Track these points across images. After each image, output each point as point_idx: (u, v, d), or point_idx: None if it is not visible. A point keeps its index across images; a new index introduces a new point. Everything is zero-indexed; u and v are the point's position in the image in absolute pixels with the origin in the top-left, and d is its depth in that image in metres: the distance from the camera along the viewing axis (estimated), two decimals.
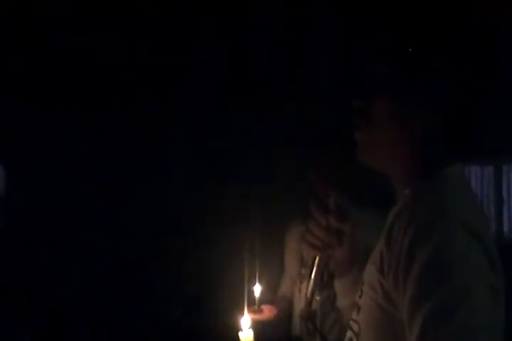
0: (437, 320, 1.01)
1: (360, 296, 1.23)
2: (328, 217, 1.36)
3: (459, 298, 1.02)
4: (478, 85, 1.25)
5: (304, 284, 2.63)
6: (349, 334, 1.26)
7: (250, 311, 2.47)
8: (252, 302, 2.51)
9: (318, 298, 1.48)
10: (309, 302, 1.41)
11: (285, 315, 2.83)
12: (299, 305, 2.71)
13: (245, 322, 1.20)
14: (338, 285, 1.48)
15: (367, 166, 1.31)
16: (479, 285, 1.05)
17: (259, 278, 2.53)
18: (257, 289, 2.53)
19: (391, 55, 1.24)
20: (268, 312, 2.54)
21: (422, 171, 1.24)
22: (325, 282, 1.44)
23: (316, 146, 2.63)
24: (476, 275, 1.06)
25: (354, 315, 1.25)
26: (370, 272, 1.20)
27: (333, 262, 1.43)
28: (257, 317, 2.47)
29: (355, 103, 1.28)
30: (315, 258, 1.40)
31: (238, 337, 1.20)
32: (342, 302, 1.48)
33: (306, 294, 1.41)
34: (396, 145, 1.25)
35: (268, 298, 2.59)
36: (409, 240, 1.08)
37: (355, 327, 1.24)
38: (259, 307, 2.53)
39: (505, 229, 6.36)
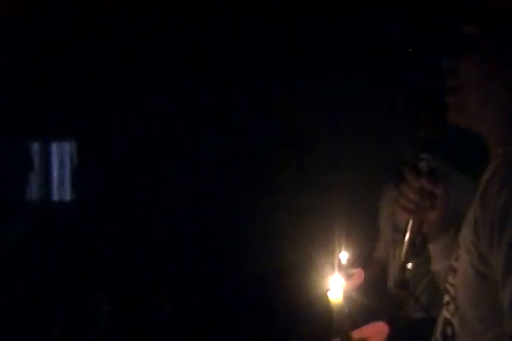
0: None
1: (456, 259, 1.22)
2: (421, 180, 1.34)
3: None
4: None
5: (398, 250, 2.55)
6: (446, 298, 1.24)
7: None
8: (339, 269, 2.50)
9: (410, 265, 1.44)
10: (403, 267, 1.39)
11: (378, 280, 2.83)
12: (393, 272, 2.72)
13: (335, 281, 1.16)
14: (433, 248, 1.45)
15: (460, 127, 1.29)
16: None
17: (346, 244, 2.44)
18: (344, 256, 2.50)
19: (480, 15, 1.23)
20: (357, 276, 2.55)
21: None
22: (419, 246, 1.40)
23: (406, 112, 2.62)
24: None
25: (450, 279, 1.23)
26: (465, 235, 1.18)
27: (426, 226, 1.41)
28: (346, 282, 2.49)
29: (445, 65, 1.27)
30: (408, 223, 1.38)
31: (327, 296, 1.17)
32: (436, 265, 1.46)
33: (400, 259, 1.38)
34: (487, 106, 1.23)
35: (356, 264, 2.59)
36: (502, 202, 1.07)
37: (451, 290, 1.22)
38: (347, 272, 2.52)
39: None
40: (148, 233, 4.96)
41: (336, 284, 1.17)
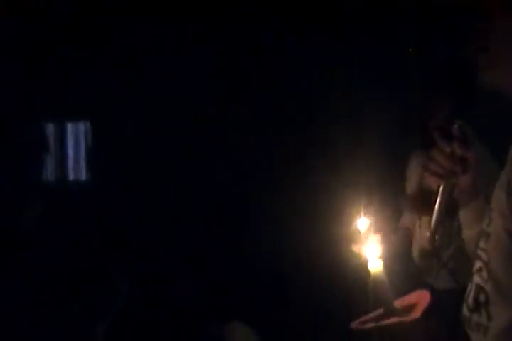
0: None
1: (488, 224, 1.19)
2: (453, 145, 1.30)
3: None
4: None
5: (424, 219, 2.55)
6: (478, 263, 1.22)
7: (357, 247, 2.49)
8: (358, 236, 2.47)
9: (438, 235, 1.38)
10: (433, 234, 1.33)
11: (404, 247, 2.85)
12: (419, 241, 2.74)
13: (373, 251, 1.10)
14: (464, 214, 1.44)
15: (493, 87, 1.25)
16: None
17: (367, 211, 2.47)
18: (363, 223, 2.45)
19: None
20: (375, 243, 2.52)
21: None
22: (450, 212, 1.34)
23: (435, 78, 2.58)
24: None
25: (482, 244, 1.21)
26: (499, 198, 1.17)
27: (457, 191, 1.37)
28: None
29: (474, 25, 1.23)
30: (439, 188, 1.32)
31: (366, 267, 1.11)
32: (468, 231, 1.45)
33: (430, 226, 1.33)
34: None
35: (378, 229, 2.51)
36: None
37: (483, 255, 1.21)
38: (364, 241, 2.49)
39: None
40: (166, 213, 4.96)
41: (374, 254, 1.12)
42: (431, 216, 1.38)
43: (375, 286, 1.15)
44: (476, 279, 1.21)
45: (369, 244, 1.16)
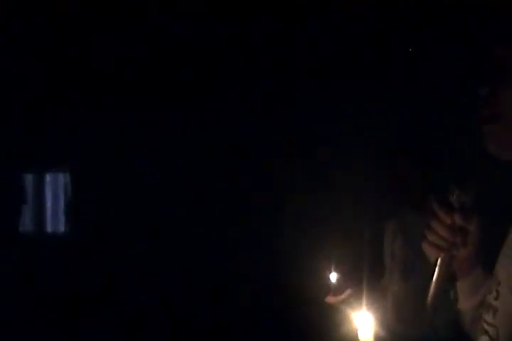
0: None
1: (496, 298, 1.16)
2: (453, 216, 1.23)
3: None
4: None
5: (394, 276, 2.82)
6: (484, 338, 1.17)
7: (331, 299, 2.66)
8: (328, 289, 2.63)
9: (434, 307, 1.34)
10: (431, 306, 1.29)
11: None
12: (390, 297, 2.84)
13: (364, 319, 1.11)
14: (461, 286, 1.36)
15: (501, 158, 1.21)
16: None
17: (335, 266, 2.62)
18: (333, 277, 2.63)
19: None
20: (347, 294, 2.65)
21: None
22: (447, 283, 1.32)
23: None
24: None
25: (489, 319, 1.17)
26: (508, 271, 1.13)
27: (456, 263, 1.29)
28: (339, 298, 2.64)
29: (480, 92, 1.19)
30: (437, 260, 1.29)
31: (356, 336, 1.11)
32: (465, 304, 1.37)
33: (428, 300, 1.29)
34: None
35: (346, 285, 2.65)
36: None
37: (491, 331, 1.16)
38: (337, 293, 2.64)
39: None
40: (146, 262, 4.93)
41: (365, 322, 1.11)
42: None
43: None
44: None
45: (364, 312, 1.14)
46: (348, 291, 2.65)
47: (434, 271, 1.25)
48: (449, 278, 1.29)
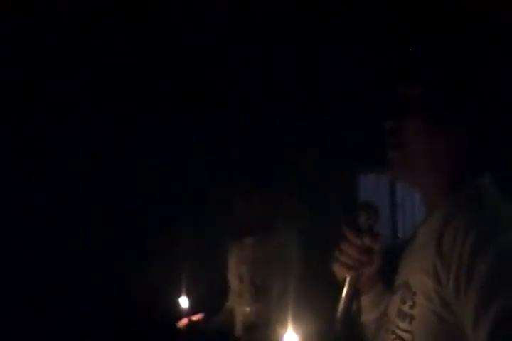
0: (506, 320, 1.07)
1: (412, 307, 1.26)
2: (362, 238, 1.39)
3: None
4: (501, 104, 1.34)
5: (245, 297, 2.99)
6: None
7: (183, 323, 2.81)
8: (180, 313, 2.76)
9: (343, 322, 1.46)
10: (340, 322, 1.41)
11: (229, 327, 3.09)
12: (241, 317, 3.02)
13: (289, 338, 1.20)
14: (365, 300, 1.52)
15: (402, 182, 1.44)
16: None
17: (186, 290, 2.76)
18: (184, 301, 2.76)
19: (423, 76, 1.34)
20: (200, 321, 2.83)
21: (457, 182, 1.33)
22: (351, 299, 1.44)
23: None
24: None
25: (405, 326, 1.28)
26: (423, 283, 1.24)
27: (362, 279, 1.46)
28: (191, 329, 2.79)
29: (388, 125, 1.37)
30: (345, 278, 1.40)
31: None
32: (368, 316, 1.53)
33: (338, 315, 1.41)
34: (431, 159, 1.34)
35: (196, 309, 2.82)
36: (470, 247, 1.14)
37: (406, 336, 1.27)
38: (189, 318, 2.81)
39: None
40: None
41: None
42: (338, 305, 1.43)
43: None
44: None
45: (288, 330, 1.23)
46: (199, 315, 2.83)
47: (343, 288, 1.41)
48: (354, 294, 1.44)
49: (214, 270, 3.30)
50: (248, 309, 2.99)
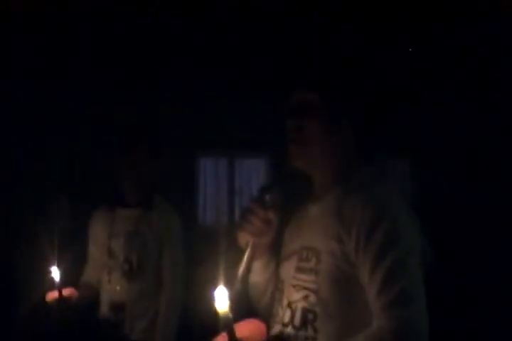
0: (393, 272, 1.49)
1: (317, 263, 1.61)
2: (266, 211, 1.69)
3: (407, 257, 1.52)
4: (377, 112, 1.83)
5: (114, 275, 2.88)
6: (302, 293, 1.62)
7: (52, 296, 2.57)
8: (52, 286, 2.55)
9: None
10: (242, 282, 1.65)
11: (89, 301, 2.94)
12: (108, 295, 2.92)
13: (220, 293, 1.35)
14: (257, 264, 1.82)
15: (299, 169, 1.75)
16: (417, 249, 1.57)
17: (58, 261, 2.54)
18: (56, 272, 2.53)
19: (321, 87, 1.71)
20: (70, 295, 2.63)
21: (347, 169, 1.72)
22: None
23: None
24: (415, 241, 1.58)
25: (311, 278, 1.61)
26: (329, 245, 1.60)
27: (259, 246, 1.75)
28: (61, 302, 2.57)
29: (289, 122, 1.72)
30: (247, 244, 1.68)
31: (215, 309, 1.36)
32: (258, 278, 1.84)
33: (238, 276, 1.64)
34: (325, 152, 1.71)
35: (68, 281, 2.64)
36: (369, 217, 1.54)
37: (312, 286, 1.60)
38: (60, 291, 2.57)
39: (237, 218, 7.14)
40: None
41: (221, 295, 1.36)
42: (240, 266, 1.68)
43: (222, 322, 1.41)
44: (302, 304, 1.60)
45: (220, 288, 1.41)
46: (70, 289, 2.64)
47: (245, 252, 1.67)
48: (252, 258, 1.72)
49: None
50: (118, 287, 2.88)
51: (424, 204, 6.11)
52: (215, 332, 1.46)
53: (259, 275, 1.83)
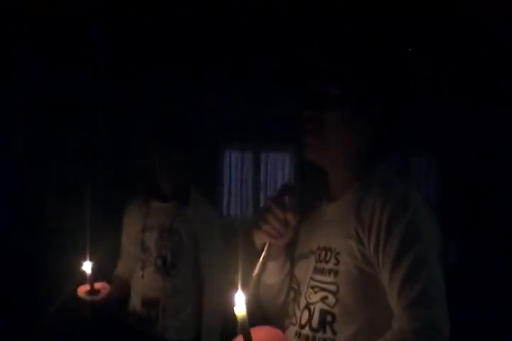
0: (414, 271, 1.46)
1: (336, 264, 1.59)
2: (285, 213, 1.66)
3: (429, 256, 1.50)
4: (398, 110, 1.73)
5: (147, 270, 2.83)
6: (320, 294, 1.61)
7: (83, 290, 2.59)
8: (83, 279, 2.55)
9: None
10: (256, 285, 1.65)
11: (121, 296, 2.92)
12: (141, 290, 2.87)
13: (239, 297, 1.36)
14: (273, 266, 1.79)
15: (315, 162, 1.71)
16: (437, 247, 1.54)
17: (90, 255, 2.52)
18: (88, 266, 2.52)
19: (343, 81, 1.65)
20: (103, 290, 2.63)
21: (363, 165, 1.68)
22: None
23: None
24: (435, 239, 1.55)
25: (330, 279, 1.59)
26: (347, 244, 1.57)
27: (274, 247, 1.73)
28: (93, 297, 2.59)
29: (308, 113, 1.67)
30: (264, 245, 1.68)
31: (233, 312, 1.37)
32: (272, 280, 1.81)
33: (256, 275, 1.64)
34: (341, 145, 1.67)
35: (101, 275, 2.64)
36: (388, 215, 1.51)
37: (332, 287, 1.58)
38: (92, 285, 2.58)
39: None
40: None
41: (240, 300, 1.37)
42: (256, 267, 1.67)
43: (240, 326, 1.42)
44: (320, 305, 1.58)
45: (239, 292, 1.41)
46: (103, 283, 2.63)
47: (261, 253, 1.66)
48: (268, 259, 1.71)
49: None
50: (152, 283, 2.83)
51: (450, 204, 6.06)
52: (234, 335, 1.47)
53: (274, 276, 1.81)
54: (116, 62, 5.94)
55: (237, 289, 1.40)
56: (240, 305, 1.37)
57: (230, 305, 1.38)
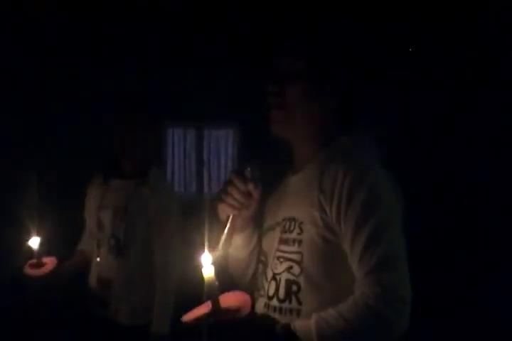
0: (374, 238, 1.50)
1: (299, 233, 1.61)
2: (246, 184, 1.66)
3: (389, 224, 1.54)
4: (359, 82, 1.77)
5: (102, 249, 2.79)
6: (285, 264, 1.63)
7: (31, 265, 2.55)
8: (30, 255, 2.52)
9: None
10: (219, 258, 1.64)
11: (80, 270, 2.92)
12: (96, 269, 2.82)
13: (206, 259, 1.37)
14: (237, 239, 1.79)
15: (280, 136, 1.73)
16: (399, 216, 1.59)
17: (37, 231, 2.50)
18: (35, 241, 2.50)
19: (305, 54, 1.69)
20: (50, 264, 2.59)
21: (326, 138, 1.71)
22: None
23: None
24: (395, 205, 1.59)
25: (294, 249, 1.61)
26: (311, 214, 1.60)
27: (239, 220, 1.73)
28: (39, 271, 2.55)
29: (272, 88, 1.69)
30: (229, 216, 1.68)
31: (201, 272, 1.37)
32: (242, 251, 1.81)
33: (220, 249, 1.60)
34: (306, 119, 1.70)
35: (48, 250, 2.59)
36: (349, 184, 1.55)
37: (296, 256, 1.61)
38: (39, 259, 2.54)
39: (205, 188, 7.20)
40: None
41: (207, 261, 1.38)
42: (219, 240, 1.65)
43: (207, 288, 1.37)
44: (286, 275, 1.60)
45: (205, 253, 1.39)
46: (51, 258, 2.59)
47: (225, 226, 1.66)
48: (232, 232, 1.71)
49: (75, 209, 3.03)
50: (105, 263, 2.77)
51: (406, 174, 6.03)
52: (200, 301, 1.46)
53: (241, 249, 1.81)
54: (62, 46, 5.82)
55: (203, 251, 1.40)
56: (207, 266, 1.37)
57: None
